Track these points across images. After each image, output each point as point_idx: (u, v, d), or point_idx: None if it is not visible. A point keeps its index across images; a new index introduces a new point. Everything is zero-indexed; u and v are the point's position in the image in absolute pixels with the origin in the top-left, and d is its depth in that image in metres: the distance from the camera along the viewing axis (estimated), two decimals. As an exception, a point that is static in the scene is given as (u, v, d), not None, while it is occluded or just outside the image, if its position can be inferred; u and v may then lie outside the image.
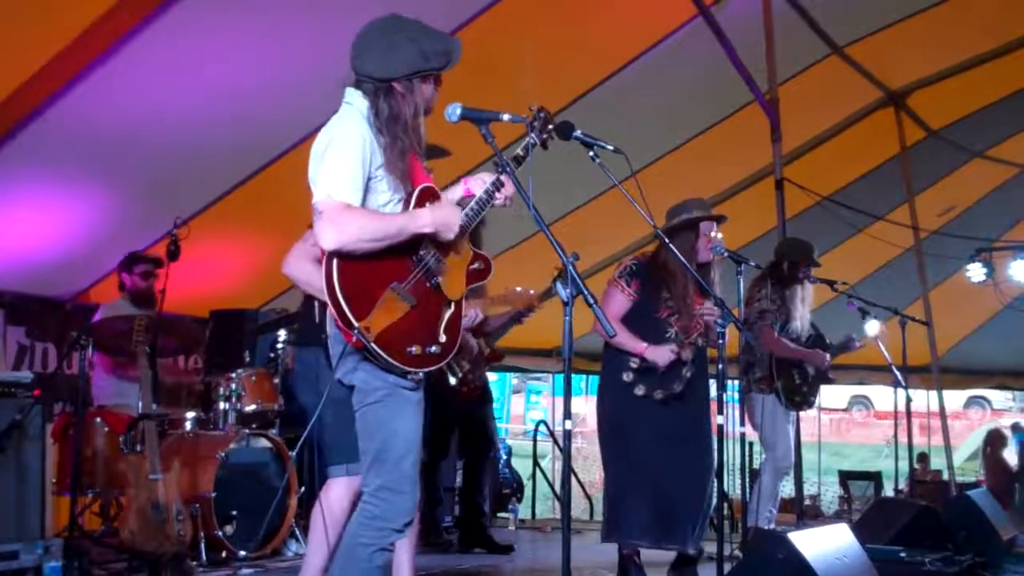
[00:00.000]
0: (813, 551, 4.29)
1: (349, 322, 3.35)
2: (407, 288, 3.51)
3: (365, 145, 3.51)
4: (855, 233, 10.68)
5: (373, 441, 3.57)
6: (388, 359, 3.40)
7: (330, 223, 3.36)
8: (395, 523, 3.53)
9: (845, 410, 29.72)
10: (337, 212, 3.38)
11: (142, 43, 5.58)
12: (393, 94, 3.58)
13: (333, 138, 3.55)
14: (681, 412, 5.64)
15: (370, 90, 3.59)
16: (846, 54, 9.16)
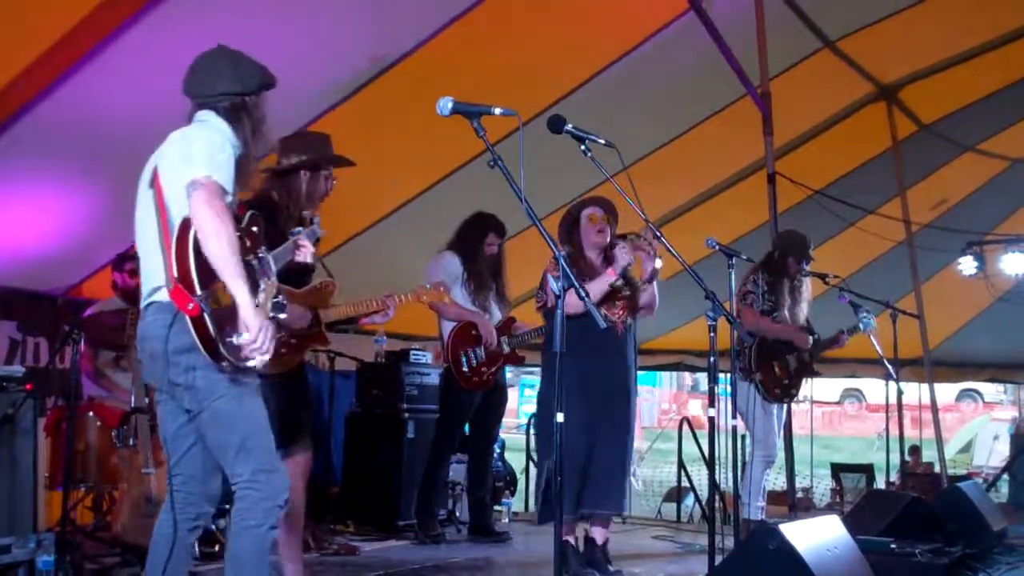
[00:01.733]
0: (804, 543, 4.31)
1: (193, 287, 3.47)
2: None
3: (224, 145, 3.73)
4: (847, 227, 10.69)
5: (234, 433, 3.70)
6: (214, 336, 3.49)
7: (209, 204, 3.49)
8: (278, 499, 3.73)
9: (837, 403, 29.85)
10: (219, 196, 3.55)
11: (132, 39, 5.57)
12: (247, 108, 3.85)
13: (200, 130, 3.79)
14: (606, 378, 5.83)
15: (227, 107, 3.83)
16: (838, 48, 9.16)
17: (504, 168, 3.67)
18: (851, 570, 4.64)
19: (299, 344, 4.80)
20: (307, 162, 4.86)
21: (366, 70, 6.74)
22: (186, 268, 3.49)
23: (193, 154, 3.64)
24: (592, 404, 5.68)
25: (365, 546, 6.84)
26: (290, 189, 4.85)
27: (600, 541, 5.98)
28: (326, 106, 6.86)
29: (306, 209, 4.88)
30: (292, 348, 4.77)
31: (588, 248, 5.98)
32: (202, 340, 3.51)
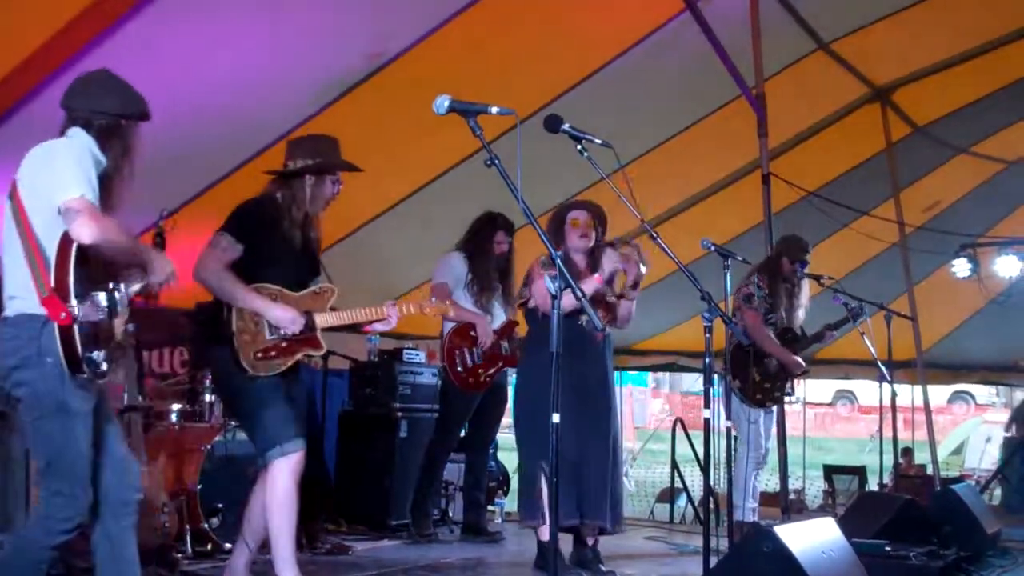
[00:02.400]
0: (799, 545, 4.31)
1: (68, 297, 3.59)
2: (107, 299, 3.79)
3: (93, 165, 3.80)
4: (841, 228, 10.70)
5: (48, 450, 3.78)
6: (79, 348, 3.62)
7: (93, 220, 3.60)
8: (66, 525, 3.78)
9: (830, 404, 29.85)
10: (95, 211, 3.65)
11: (128, 34, 5.55)
12: (121, 131, 3.97)
13: (70, 147, 3.82)
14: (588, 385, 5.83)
15: (101, 125, 3.92)
16: (832, 50, 9.17)
17: (500, 167, 3.66)
18: (846, 573, 4.64)
19: (291, 347, 4.76)
20: (312, 167, 4.85)
21: (362, 68, 6.73)
22: (63, 278, 3.61)
23: (64, 172, 3.70)
24: (577, 408, 5.66)
25: (357, 545, 6.82)
26: (294, 192, 4.84)
27: (591, 541, 5.98)
28: (321, 104, 6.85)
29: (310, 213, 4.86)
30: (283, 351, 4.74)
31: (572, 251, 5.99)
32: (66, 349, 3.62)
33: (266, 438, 4.69)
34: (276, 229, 4.78)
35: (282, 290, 4.77)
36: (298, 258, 4.86)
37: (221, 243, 4.74)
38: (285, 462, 4.65)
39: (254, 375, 4.65)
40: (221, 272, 4.68)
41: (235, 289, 4.66)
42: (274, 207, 4.82)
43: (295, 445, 4.68)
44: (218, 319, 4.72)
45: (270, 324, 4.70)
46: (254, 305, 4.68)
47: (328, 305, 4.88)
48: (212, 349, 4.82)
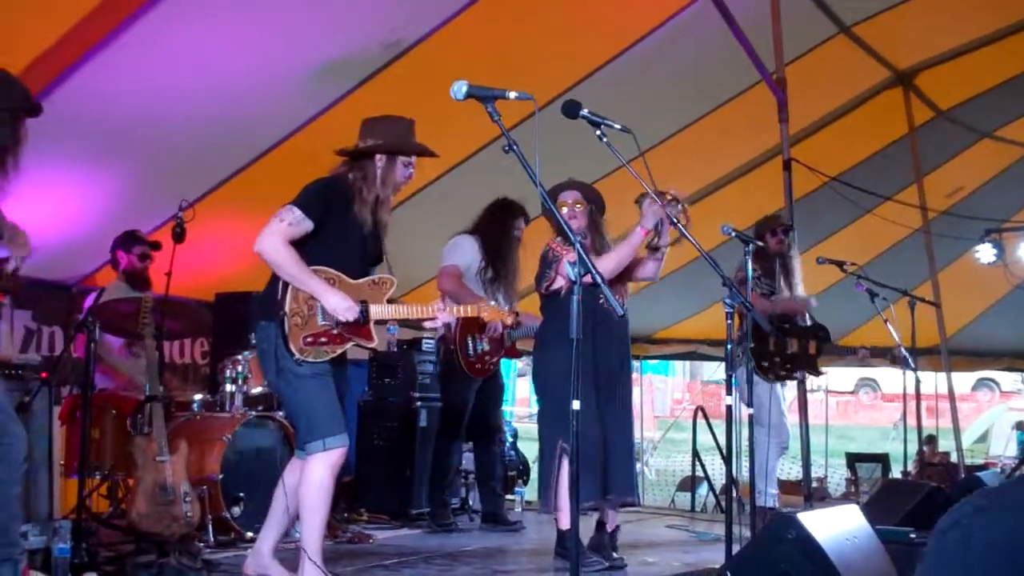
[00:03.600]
0: (824, 532, 4.28)
1: None
2: None
3: None
4: (863, 214, 10.64)
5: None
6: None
7: None
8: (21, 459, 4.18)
9: (852, 392, 29.74)
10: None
11: (146, 25, 5.56)
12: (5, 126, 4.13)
13: None
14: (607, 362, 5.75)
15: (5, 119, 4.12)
16: (853, 33, 9.11)
17: (519, 153, 3.64)
18: (871, 560, 4.61)
19: (341, 336, 4.64)
20: (383, 147, 4.75)
21: (379, 56, 6.71)
22: None
23: None
24: (598, 389, 5.64)
25: (378, 534, 6.82)
26: (365, 172, 4.73)
27: (611, 527, 5.96)
28: (339, 93, 6.85)
29: (381, 196, 4.76)
30: (333, 339, 4.63)
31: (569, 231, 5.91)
32: None
33: (310, 430, 4.63)
34: (347, 210, 4.66)
35: (341, 276, 4.66)
36: (363, 244, 4.76)
37: (289, 217, 4.58)
38: (325, 456, 4.59)
39: (301, 359, 4.57)
40: (283, 247, 4.54)
41: (295, 268, 4.54)
42: (346, 187, 4.71)
43: (338, 441, 4.61)
44: (272, 296, 4.62)
45: (324, 309, 4.59)
46: (311, 287, 4.56)
47: (386, 296, 4.77)
48: (262, 327, 4.70)
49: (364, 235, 4.75)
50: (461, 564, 5.96)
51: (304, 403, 4.63)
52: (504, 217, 7.08)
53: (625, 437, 5.84)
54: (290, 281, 4.57)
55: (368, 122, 4.85)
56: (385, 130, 4.80)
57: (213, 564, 5.55)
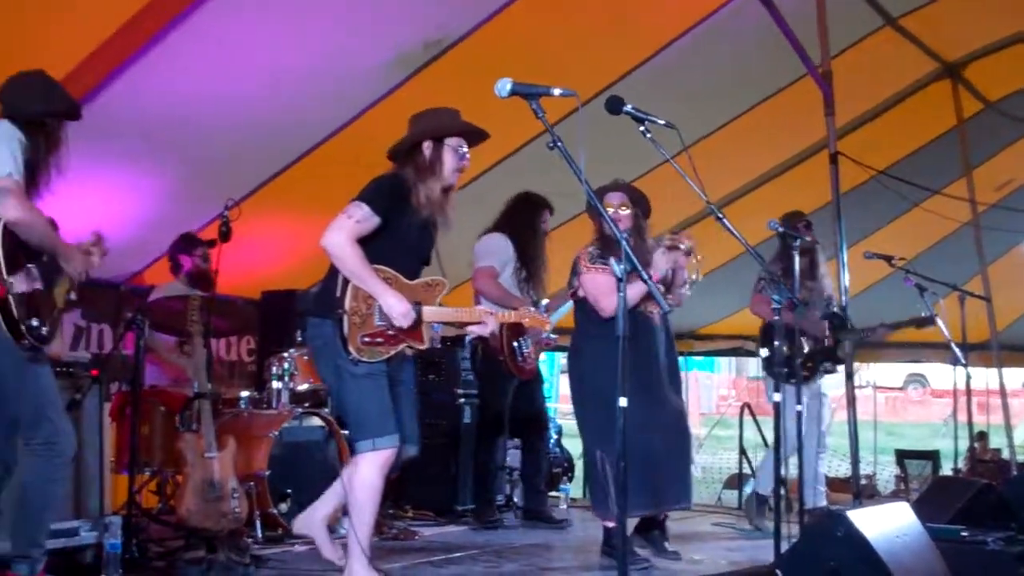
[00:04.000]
0: (873, 529, 4.24)
1: (1, 271, 3.99)
2: (40, 272, 4.22)
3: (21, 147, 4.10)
4: (911, 208, 10.53)
5: (28, 402, 4.21)
6: (16, 317, 4.04)
7: (19, 201, 4.00)
8: (67, 456, 4.36)
9: (901, 388, 29.45)
10: (23, 193, 4.03)
11: (192, 26, 5.61)
12: (46, 127, 4.26)
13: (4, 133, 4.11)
14: (651, 368, 5.73)
15: (27, 120, 4.19)
16: (900, 25, 9.01)
17: (564, 149, 3.63)
18: (921, 558, 4.55)
19: (396, 337, 4.62)
20: (427, 132, 4.73)
21: (422, 54, 6.72)
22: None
23: None
24: (643, 393, 5.61)
25: (424, 530, 6.83)
26: (416, 165, 4.71)
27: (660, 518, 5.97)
28: (382, 91, 6.87)
29: (435, 183, 4.72)
30: (388, 339, 4.61)
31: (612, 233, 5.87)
32: (6, 320, 4.03)
33: (360, 429, 4.63)
34: (406, 208, 4.65)
35: (398, 276, 4.64)
36: (418, 243, 4.77)
37: (358, 214, 4.56)
38: (374, 456, 4.59)
39: (357, 359, 4.56)
40: (349, 245, 4.51)
41: (359, 266, 4.51)
42: (405, 183, 4.69)
43: (388, 441, 4.60)
44: (331, 293, 4.61)
45: (381, 310, 4.57)
46: (372, 287, 4.54)
47: (438, 299, 4.75)
48: (316, 324, 4.70)
49: (419, 235, 4.75)
50: (507, 561, 5.96)
51: (356, 402, 4.63)
52: (531, 212, 7.03)
53: (674, 446, 5.78)
54: (352, 279, 4.55)
55: (414, 118, 4.85)
56: (430, 120, 4.79)
57: (261, 560, 5.58)
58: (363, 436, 4.61)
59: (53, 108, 4.29)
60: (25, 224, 4.02)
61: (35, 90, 4.30)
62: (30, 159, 4.16)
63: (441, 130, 4.75)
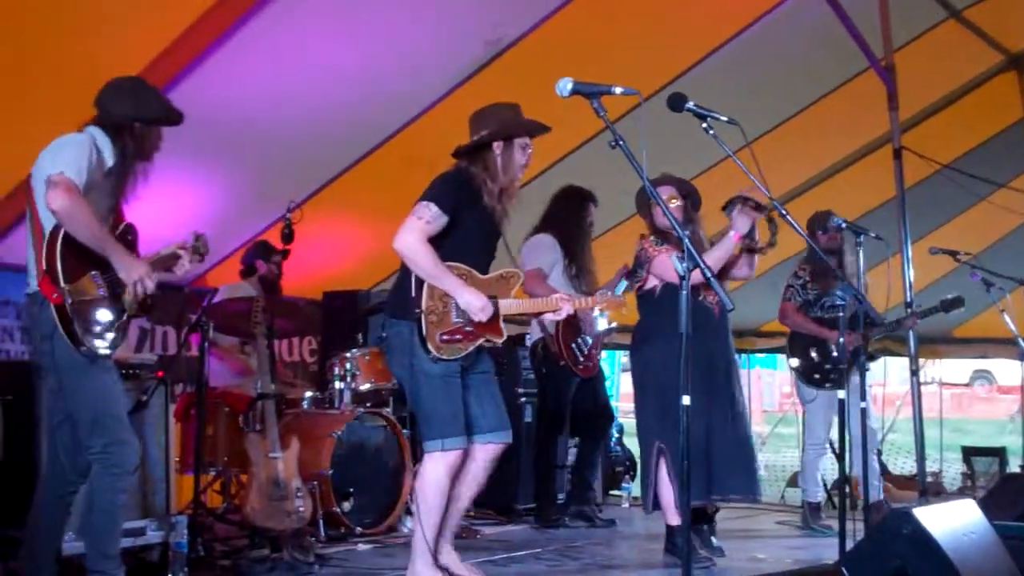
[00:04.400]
0: (939, 527, 4.18)
1: (58, 279, 4.01)
2: (104, 281, 4.20)
3: (92, 155, 4.17)
4: (977, 202, 10.35)
5: (87, 409, 4.22)
6: (75, 327, 4.05)
7: (66, 193, 3.98)
8: (128, 467, 4.27)
9: (967, 385, 28.99)
10: (72, 187, 4.01)
11: (252, 30, 5.65)
12: (133, 133, 4.33)
13: (74, 138, 4.22)
14: (714, 362, 5.74)
15: (113, 126, 4.30)
16: (964, 17, 8.86)
17: (626, 148, 3.62)
18: (989, 556, 4.48)
19: (474, 333, 4.64)
20: (498, 133, 4.75)
21: (483, 54, 6.73)
22: (52, 262, 4.04)
23: (58, 154, 4.12)
24: (705, 386, 5.59)
25: (485, 529, 6.85)
26: (486, 163, 4.74)
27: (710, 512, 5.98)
28: (442, 92, 6.88)
29: (504, 184, 4.75)
30: (467, 336, 4.63)
31: (663, 228, 5.86)
32: (64, 326, 4.04)
33: (430, 429, 4.66)
34: (475, 204, 4.69)
35: (472, 272, 4.68)
36: (489, 237, 4.80)
37: (427, 214, 4.60)
38: (442, 456, 4.63)
39: (437, 357, 4.58)
40: (420, 245, 4.56)
41: (432, 265, 4.56)
42: (472, 180, 4.72)
43: (457, 443, 4.64)
44: (406, 294, 4.64)
45: (457, 306, 4.60)
46: (447, 285, 4.58)
47: (513, 291, 4.76)
48: (394, 324, 4.74)
49: (490, 230, 4.78)
50: (569, 559, 5.96)
51: (429, 402, 4.65)
52: (576, 207, 7.02)
53: (734, 433, 5.76)
54: (426, 278, 4.59)
55: (477, 115, 4.86)
56: (495, 118, 4.79)
57: (325, 558, 5.63)
58: (432, 436, 4.65)
59: (141, 114, 4.35)
60: (65, 215, 4.00)
61: (125, 95, 4.36)
62: (115, 165, 4.27)
63: (511, 130, 4.76)
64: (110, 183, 4.32)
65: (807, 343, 7.38)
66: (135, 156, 4.36)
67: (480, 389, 4.83)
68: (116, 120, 4.31)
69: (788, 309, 7.42)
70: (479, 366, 4.85)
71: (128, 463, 4.27)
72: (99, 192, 4.24)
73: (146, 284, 4.28)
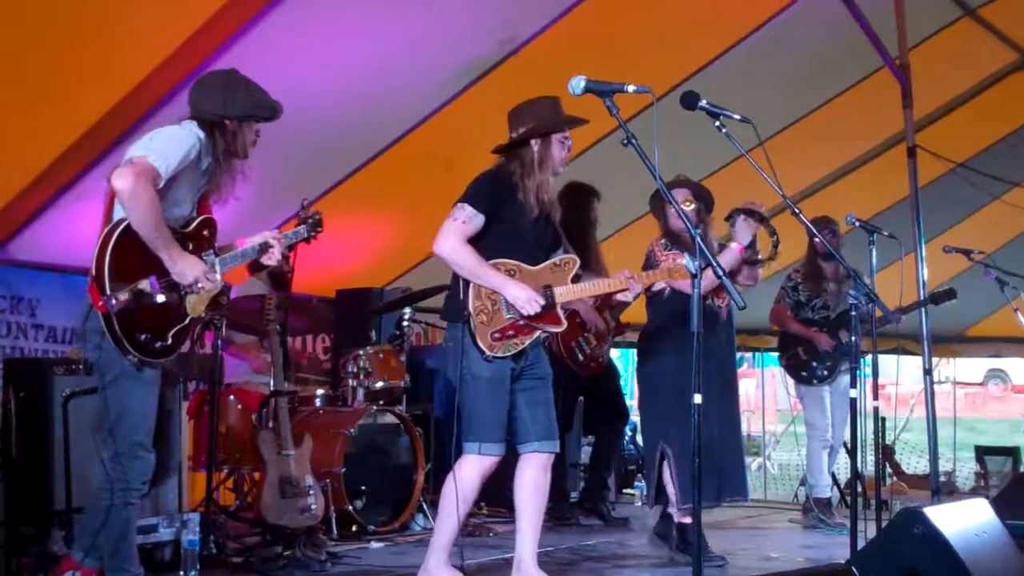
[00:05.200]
0: (951, 527, 4.16)
1: (103, 286, 3.85)
2: (162, 286, 4.03)
3: (191, 151, 4.10)
4: (991, 200, 10.31)
5: (111, 414, 4.10)
6: (119, 333, 3.91)
7: (136, 175, 3.86)
8: (133, 483, 4.13)
9: (981, 384, 28.88)
10: (146, 173, 3.90)
11: (268, 26, 5.65)
12: (224, 129, 4.26)
13: (168, 130, 4.16)
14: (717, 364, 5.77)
15: (206, 120, 4.24)
16: (979, 15, 8.83)
17: (638, 146, 3.62)
18: (1001, 556, 4.47)
19: (529, 326, 4.62)
20: (535, 130, 4.73)
21: (495, 53, 6.73)
22: (100, 268, 3.88)
23: (150, 142, 4.04)
24: (709, 388, 5.60)
25: (498, 527, 6.86)
26: (522, 160, 4.73)
27: None
28: (455, 90, 6.88)
29: (541, 180, 4.73)
30: (520, 330, 4.61)
31: (676, 230, 5.88)
32: (111, 334, 3.93)
33: (471, 430, 4.65)
34: (513, 200, 4.67)
35: (520, 265, 4.65)
36: (536, 229, 4.76)
37: (461, 215, 4.60)
38: (477, 460, 4.63)
39: (492, 356, 4.57)
40: (460, 246, 4.57)
41: (474, 265, 4.56)
42: (509, 178, 4.71)
43: (494, 450, 4.63)
44: (456, 297, 4.64)
45: (507, 302, 4.58)
46: (492, 282, 4.57)
47: (569, 277, 4.72)
48: (449, 327, 4.75)
49: (534, 222, 4.75)
50: (582, 558, 5.97)
51: (474, 404, 4.64)
52: (582, 203, 6.98)
53: (734, 435, 5.85)
54: (470, 279, 4.59)
55: (515, 112, 4.84)
56: (533, 113, 4.77)
57: (337, 556, 5.64)
58: (471, 438, 4.64)
59: (230, 110, 4.25)
60: (125, 196, 3.85)
61: (215, 90, 4.28)
62: (210, 162, 4.24)
63: (547, 128, 4.75)
64: (204, 180, 4.27)
65: (795, 342, 7.69)
66: (227, 153, 4.29)
67: (534, 395, 4.78)
68: (205, 116, 4.24)
69: (776, 311, 7.78)
70: (536, 370, 4.81)
71: (133, 479, 4.13)
72: (187, 188, 4.20)
73: (204, 285, 4.15)
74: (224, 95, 4.25)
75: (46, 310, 6.82)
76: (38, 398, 5.19)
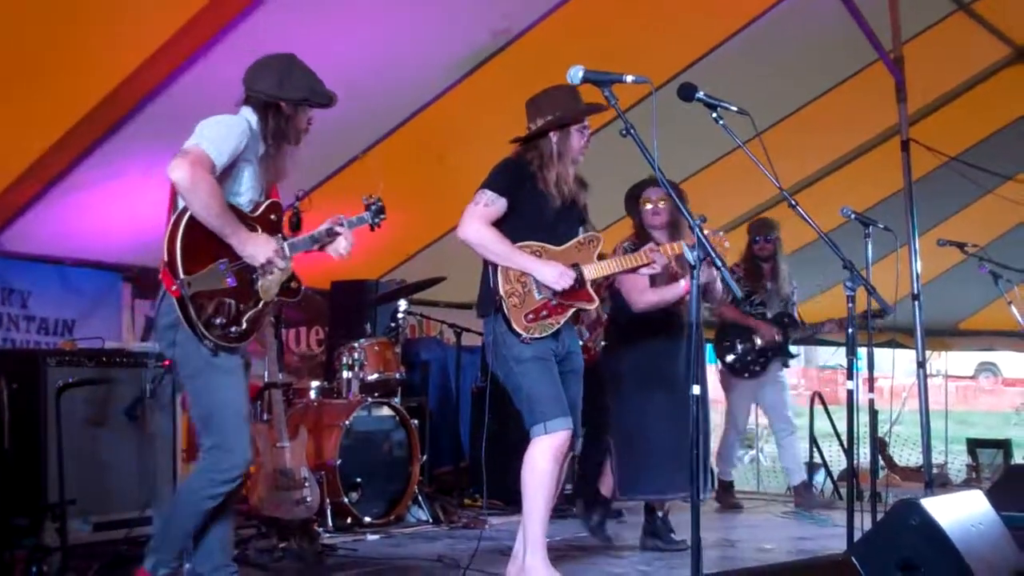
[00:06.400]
0: (947, 518, 4.17)
1: (176, 271, 3.83)
2: (232, 269, 4.00)
3: (243, 136, 4.06)
4: (985, 194, 10.34)
5: (200, 408, 4.09)
6: (194, 317, 3.87)
7: (191, 165, 3.81)
8: (226, 475, 4.04)
9: (972, 377, 28.97)
10: (201, 162, 3.85)
11: (258, 21, 5.62)
12: (280, 111, 4.19)
13: (224, 117, 4.10)
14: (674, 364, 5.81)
15: (260, 102, 4.19)
16: (972, 10, 8.84)
17: (636, 136, 3.62)
18: (996, 546, 4.48)
19: (562, 305, 4.61)
20: (552, 122, 4.71)
21: (490, 44, 6.71)
22: (173, 253, 3.86)
23: (203, 130, 3.98)
24: (665, 384, 5.72)
25: (493, 519, 6.85)
26: (540, 151, 4.71)
27: (661, 512, 6.08)
28: (450, 82, 6.87)
29: (560, 171, 4.71)
30: (554, 309, 4.59)
31: (650, 228, 5.92)
32: (186, 319, 3.88)
33: (531, 413, 4.60)
34: (534, 187, 4.66)
35: (544, 246, 4.65)
36: (560, 211, 4.73)
37: (483, 199, 4.61)
38: (548, 440, 4.56)
39: (528, 338, 4.55)
40: (484, 230, 4.57)
41: (501, 247, 4.55)
42: (528, 166, 4.71)
43: (560, 424, 4.56)
44: (487, 288, 4.63)
45: (538, 283, 4.57)
46: (520, 263, 4.56)
47: (595, 254, 4.73)
48: (487, 322, 4.71)
49: (557, 205, 4.72)
50: (575, 549, 5.99)
51: (525, 387, 4.60)
52: None
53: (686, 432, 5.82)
54: (497, 261, 4.57)
55: (532, 102, 4.83)
56: (551, 104, 4.75)
57: (332, 548, 5.64)
58: (534, 420, 4.59)
59: (285, 93, 4.20)
60: (184, 187, 3.81)
61: (272, 71, 4.22)
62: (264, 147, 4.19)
63: (567, 119, 4.72)
64: (264, 165, 4.23)
65: (734, 336, 7.91)
66: (279, 137, 4.23)
67: (565, 389, 4.74)
68: (259, 98, 4.19)
69: None
70: (569, 363, 4.80)
71: (227, 471, 4.04)
72: (250, 174, 4.17)
73: (276, 264, 4.11)
74: (281, 76, 4.21)
75: (38, 302, 6.79)
76: (31, 390, 5.18)
